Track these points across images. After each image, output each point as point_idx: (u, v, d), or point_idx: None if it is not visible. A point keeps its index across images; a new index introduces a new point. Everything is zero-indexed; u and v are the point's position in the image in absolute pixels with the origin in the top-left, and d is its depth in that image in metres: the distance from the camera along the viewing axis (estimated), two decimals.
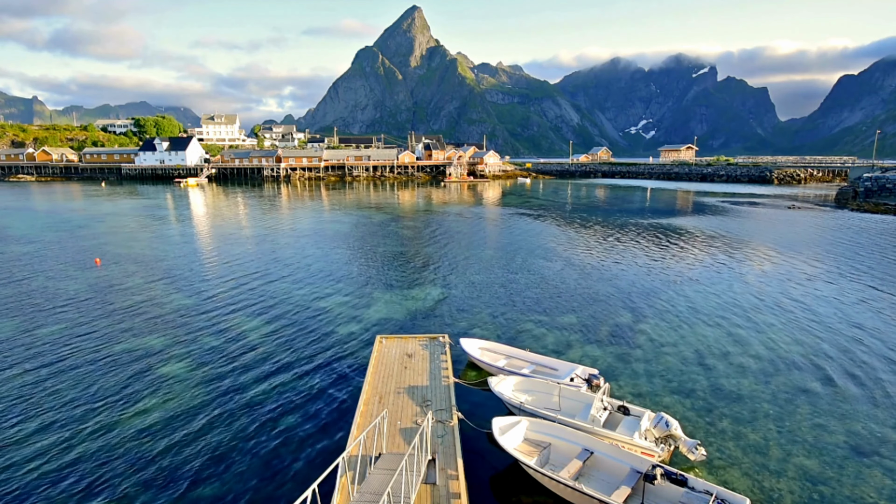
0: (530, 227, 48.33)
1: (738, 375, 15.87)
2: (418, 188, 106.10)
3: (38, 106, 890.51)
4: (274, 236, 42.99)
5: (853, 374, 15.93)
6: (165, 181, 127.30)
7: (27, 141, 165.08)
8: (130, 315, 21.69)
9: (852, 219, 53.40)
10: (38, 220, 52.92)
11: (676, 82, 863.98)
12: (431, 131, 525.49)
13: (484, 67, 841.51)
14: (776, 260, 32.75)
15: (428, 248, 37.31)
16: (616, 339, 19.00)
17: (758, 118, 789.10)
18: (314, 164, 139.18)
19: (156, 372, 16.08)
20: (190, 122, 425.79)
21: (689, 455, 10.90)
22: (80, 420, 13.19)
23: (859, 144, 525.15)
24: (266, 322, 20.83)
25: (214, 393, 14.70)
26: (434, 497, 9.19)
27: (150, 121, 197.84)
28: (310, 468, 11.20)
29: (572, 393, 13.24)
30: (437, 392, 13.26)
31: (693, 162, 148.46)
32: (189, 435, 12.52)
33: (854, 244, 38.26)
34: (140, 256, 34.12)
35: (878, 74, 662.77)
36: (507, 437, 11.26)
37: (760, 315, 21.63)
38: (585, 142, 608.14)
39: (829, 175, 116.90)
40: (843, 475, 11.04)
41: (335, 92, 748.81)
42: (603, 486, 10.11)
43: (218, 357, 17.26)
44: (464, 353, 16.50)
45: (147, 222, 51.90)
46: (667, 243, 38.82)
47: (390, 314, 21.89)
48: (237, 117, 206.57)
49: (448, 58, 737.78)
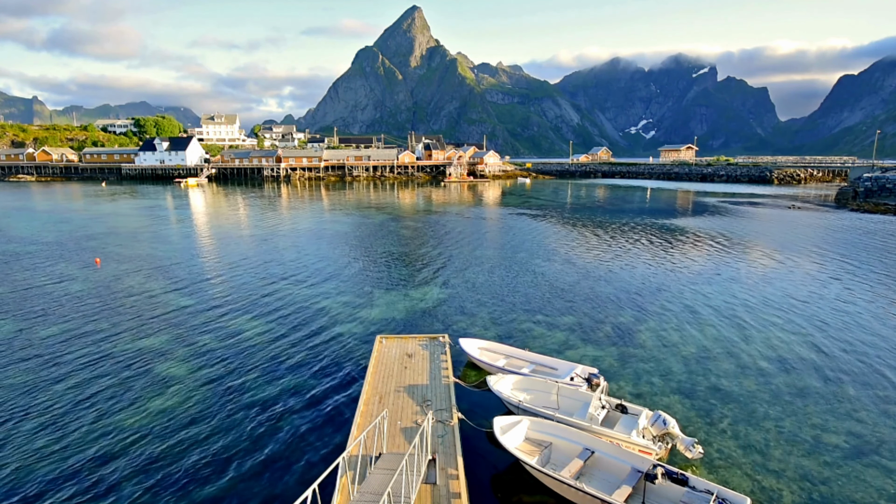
0: (530, 227, 48.32)
1: (739, 375, 15.87)
2: (418, 188, 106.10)
3: (38, 106, 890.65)
4: (274, 236, 42.99)
5: (853, 374, 15.93)
6: (165, 181, 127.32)
7: (27, 141, 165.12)
8: (131, 315, 21.69)
9: (852, 219, 53.40)
10: (38, 221, 52.92)
11: (676, 82, 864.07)
12: (431, 131, 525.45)
13: (484, 67, 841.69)
14: (776, 260, 32.75)
15: (428, 248, 37.30)
16: (616, 338, 19.00)
17: (758, 118, 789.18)
18: (314, 164, 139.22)
19: (156, 372, 16.08)
20: (190, 122, 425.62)
21: (686, 453, 10.93)
22: (80, 420, 13.19)
23: (859, 144, 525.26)
24: (266, 322, 20.83)
25: (214, 393, 14.70)
26: (434, 497, 9.19)
27: (150, 121, 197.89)
28: (310, 468, 11.20)
29: (570, 392, 13.25)
30: (437, 392, 13.26)
31: (693, 162, 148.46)
32: (189, 435, 12.52)
33: (854, 244, 38.25)
34: (140, 256, 34.13)
35: (878, 74, 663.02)
36: (509, 437, 11.27)
37: (760, 315, 21.63)
38: (585, 142, 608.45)
39: (829, 175, 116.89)
40: (843, 475, 11.04)
41: (335, 92, 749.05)
42: (604, 486, 10.12)
43: (218, 357, 17.26)
44: (463, 353, 16.49)
45: (147, 222, 51.89)
46: (667, 243, 38.82)
47: (390, 314, 21.88)
48: (237, 117, 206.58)
49: (448, 58, 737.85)
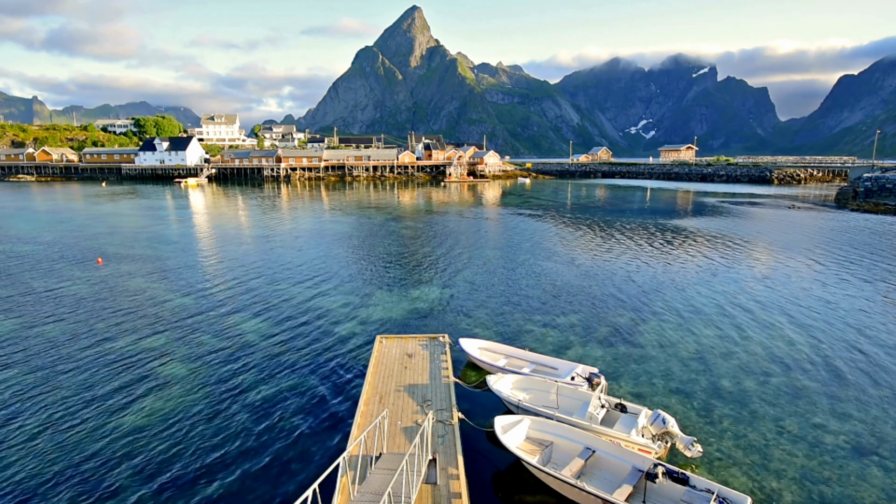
0: (530, 226, 48.32)
1: (739, 375, 15.87)
2: (418, 188, 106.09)
3: (38, 106, 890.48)
4: (274, 236, 42.99)
5: (853, 374, 15.93)
6: (165, 181, 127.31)
7: (27, 141, 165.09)
8: (132, 314, 21.70)
9: (852, 219, 53.40)
10: (38, 221, 52.93)
11: (676, 82, 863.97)
12: (431, 131, 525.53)
13: (484, 67, 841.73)
14: (776, 260, 32.76)
15: (428, 248, 37.30)
16: (616, 338, 19.00)
17: (758, 118, 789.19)
18: (314, 164, 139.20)
19: (156, 372, 16.08)
20: (190, 122, 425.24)
21: (685, 452, 10.95)
22: (80, 420, 13.20)
23: (859, 144, 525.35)
24: (266, 322, 20.84)
25: (215, 393, 14.70)
26: (435, 497, 9.20)
27: (150, 121, 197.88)
28: (310, 468, 11.21)
29: (570, 391, 13.25)
30: (438, 392, 13.26)
31: (693, 162, 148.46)
32: (189, 435, 12.52)
33: (854, 244, 38.25)
34: (141, 256, 34.13)
35: (878, 74, 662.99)
36: (510, 436, 11.27)
37: (760, 315, 21.63)
38: (585, 142, 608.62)
39: (829, 175, 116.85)
40: (843, 475, 11.04)
41: (335, 92, 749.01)
42: (605, 485, 10.14)
43: (218, 357, 17.27)
44: (464, 353, 16.49)
45: (148, 222, 51.90)
46: (667, 243, 38.82)
47: (390, 314, 21.89)
48: (237, 117, 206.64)
49: (448, 58, 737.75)
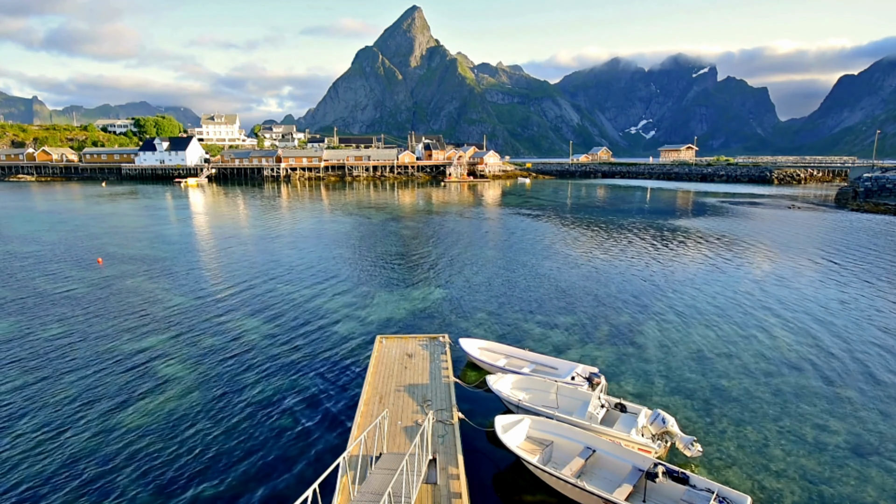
0: (530, 226, 48.33)
1: (739, 375, 15.87)
2: (418, 188, 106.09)
3: (38, 106, 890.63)
4: (274, 236, 42.99)
5: (853, 374, 15.93)
6: (165, 181, 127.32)
7: (27, 141, 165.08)
8: (132, 314, 21.70)
9: (852, 219, 53.40)
10: (39, 221, 52.93)
11: (676, 82, 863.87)
12: (431, 131, 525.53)
13: (484, 67, 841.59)
14: (776, 260, 32.76)
15: (428, 248, 37.31)
16: (616, 338, 19.00)
17: (758, 118, 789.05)
18: (314, 164, 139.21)
19: (156, 372, 16.08)
20: (190, 122, 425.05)
21: (685, 451, 10.96)
22: (80, 419, 13.20)
23: (859, 144, 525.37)
24: (266, 322, 20.84)
25: (215, 393, 14.70)
26: (435, 497, 9.20)
27: (150, 121, 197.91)
28: (310, 468, 11.21)
29: (570, 391, 13.25)
30: (438, 392, 13.26)
31: (693, 162, 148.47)
32: (189, 435, 12.52)
33: (854, 244, 38.25)
34: (141, 256, 34.13)
35: (878, 74, 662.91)
36: (510, 436, 11.28)
37: (761, 315, 21.63)
38: (585, 142, 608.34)
39: (829, 175, 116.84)
40: (843, 475, 11.05)
41: (335, 92, 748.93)
42: (605, 484, 10.14)
43: (218, 357, 17.27)
44: (464, 353, 16.49)
45: (148, 222, 51.89)
46: (667, 243, 38.82)
47: (390, 314, 21.89)
48: (237, 117, 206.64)
49: (448, 58, 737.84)
